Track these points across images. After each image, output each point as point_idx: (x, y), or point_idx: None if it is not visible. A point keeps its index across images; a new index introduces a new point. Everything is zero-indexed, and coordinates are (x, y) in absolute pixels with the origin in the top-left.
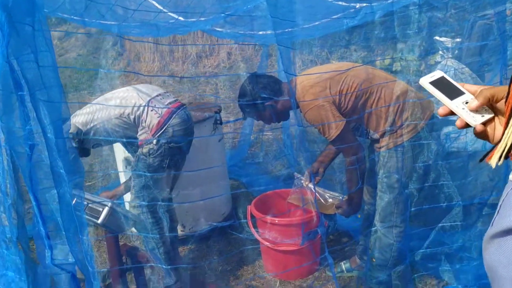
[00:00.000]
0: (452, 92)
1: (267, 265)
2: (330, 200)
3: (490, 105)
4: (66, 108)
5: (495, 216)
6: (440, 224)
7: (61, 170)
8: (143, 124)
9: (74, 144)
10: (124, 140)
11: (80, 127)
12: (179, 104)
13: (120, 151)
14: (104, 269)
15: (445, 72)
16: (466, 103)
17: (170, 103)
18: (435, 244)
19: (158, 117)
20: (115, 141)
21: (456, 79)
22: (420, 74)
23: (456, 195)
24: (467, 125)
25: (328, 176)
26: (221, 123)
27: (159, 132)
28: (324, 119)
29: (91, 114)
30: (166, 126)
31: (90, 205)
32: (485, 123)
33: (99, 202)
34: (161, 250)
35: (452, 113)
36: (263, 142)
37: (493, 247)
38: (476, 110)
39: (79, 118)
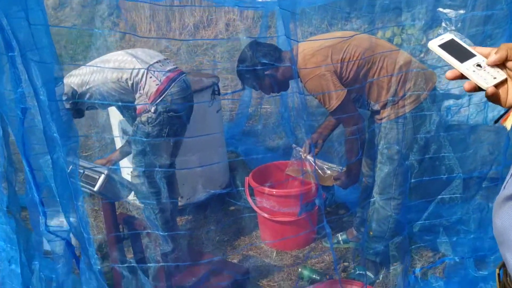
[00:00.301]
0: (463, 55)
1: (264, 236)
2: (329, 172)
3: (503, 67)
4: (59, 69)
5: (507, 178)
6: (439, 196)
7: (54, 134)
8: (141, 91)
9: (67, 106)
10: (120, 104)
11: (75, 88)
12: (179, 72)
13: (116, 121)
14: (100, 236)
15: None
16: (478, 65)
17: (169, 70)
18: (433, 216)
19: (157, 84)
20: (111, 105)
21: None
22: (421, 47)
23: (457, 167)
24: (476, 89)
25: (326, 148)
26: (219, 93)
27: (157, 100)
28: (325, 89)
29: (87, 75)
30: (165, 94)
31: (86, 172)
32: (497, 86)
33: (95, 170)
34: (158, 216)
35: (461, 76)
36: (261, 115)
37: (505, 210)
38: (494, 66)
39: (74, 79)
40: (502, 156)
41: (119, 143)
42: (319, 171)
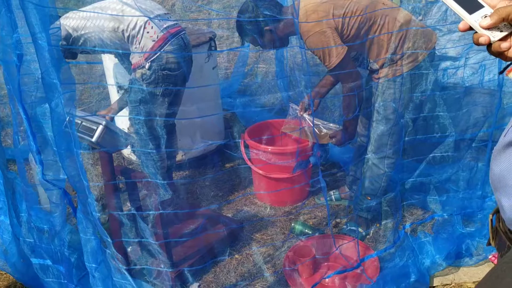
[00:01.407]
0: (471, 5)
1: (258, 191)
2: (325, 130)
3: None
4: (57, 14)
5: (508, 127)
6: (431, 155)
7: (54, 81)
8: (136, 45)
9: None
10: (119, 51)
11: (70, 31)
12: (178, 29)
13: (110, 73)
14: (99, 183)
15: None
16: (485, 16)
17: (168, 27)
18: (424, 175)
19: (153, 40)
20: (104, 52)
21: None
22: (420, 8)
23: (450, 127)
24: (470, 29)
25: (323, 107)
26: (215, 49)
27: (152, 57)
28: (325, 46)
29: (84, 20)
30: (160, 52)
31: (83, 123)
32: (502, 39)
33: (93, 120)
34: (158, 165)
35: (471, 28)
36: (257, 74)
37: (505, 157)
38: (488, 29)
39: (71, 22)
40: (493, 118)
41: (114, 97)
42: (315, 129)
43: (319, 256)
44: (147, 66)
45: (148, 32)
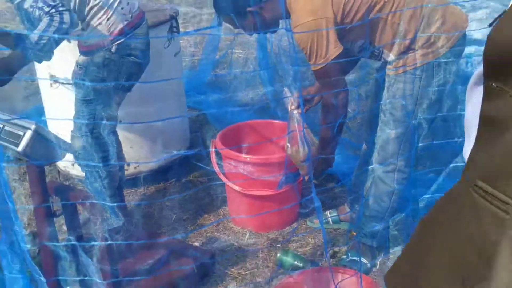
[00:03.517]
0: None
1: (234, 214)
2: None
3: None
4: None
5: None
6: (451, 165)
7: None
8: (101, 21)
9: None
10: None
11: None
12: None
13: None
14: (28, 206)
15: None
16: None
17: (139, 7)
18: (443, 190)
19: (126, 20)
20: None
21: None
22: None
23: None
24: None
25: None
26: (178, 32)
27: (122, 39)
28: (315, 39)
29: None
30: (132, 33)
31: (6, 127)
32: None
33: (19, 124)
34: (106, 183)
35: None
36: (232, 62)
37: (469, 103)
38: None
39: None
40: None
41: (47, 91)
42: (310, 135)
43: None
44: (113, 49)
45: (122, 8)
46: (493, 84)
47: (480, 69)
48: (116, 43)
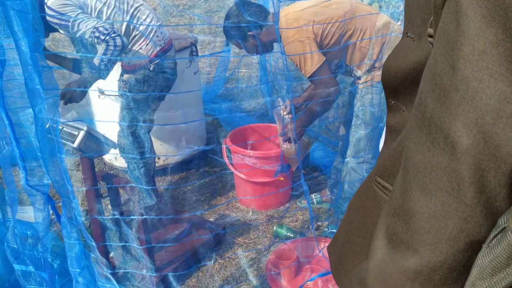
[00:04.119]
0: None
1: (240, 196)
2: (306, 138)
3: None
4: (39, 20)
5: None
6: None
7: (37, 86)
8: (141, 46)
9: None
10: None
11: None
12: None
13: None
14: (84, 188)
15: None
16: None
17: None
18: None
19: (160, 46)
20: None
21: None
22: (399, 14)
23: None
24: None
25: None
26: (197, 55)
27: (155, 60)
28: (301, 53)
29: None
30: (166, 55)
31: (64, 128)
32: None
33: (74, 126)
34: (142, 171)
35: None
36: (239, 79)
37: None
38: None
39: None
40: None
41: (95, 102)
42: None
43: (302, 259)
44: (151, 67)
45: (157, 37)
46: (392, 101)
47: None
48: (153, 63)
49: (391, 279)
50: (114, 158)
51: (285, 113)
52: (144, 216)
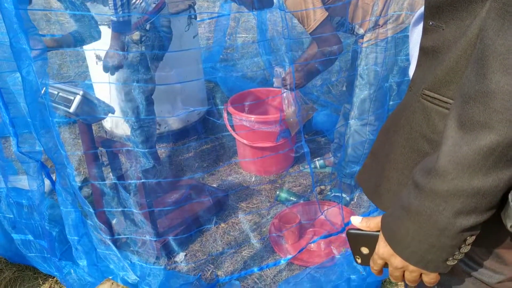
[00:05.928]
0: None
1: (242, 162)
2: (309, 103)
3: None
4: None
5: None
6: None
7: (24, 46)
8: (136, 4)
9: None
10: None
11: None
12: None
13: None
14: (79, 152)
15: None
16: None
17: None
18: None
19: (154, 3)
20: None
21: None
22: None
23: None
24: None
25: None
26: (195, 18)
27: (151, 19)
28: (303, 8)
29: None
30: (162, 10)
31: (60, 93)
32: None
33: (69, 91)
34: (137, 133)
35: None
36: (238, 44)
37: (413, 32)
38: None
39: None
40: None
41: (93, 68)
42: (301, 99)
43: (304, 222)
44: (147, 27)
45: None
46: (430, 22)
47: (420, 11)
48: (149, 22)
49: (465, 160)
50: (114, 126)
51: (285, 81)
52: (142, 180)
